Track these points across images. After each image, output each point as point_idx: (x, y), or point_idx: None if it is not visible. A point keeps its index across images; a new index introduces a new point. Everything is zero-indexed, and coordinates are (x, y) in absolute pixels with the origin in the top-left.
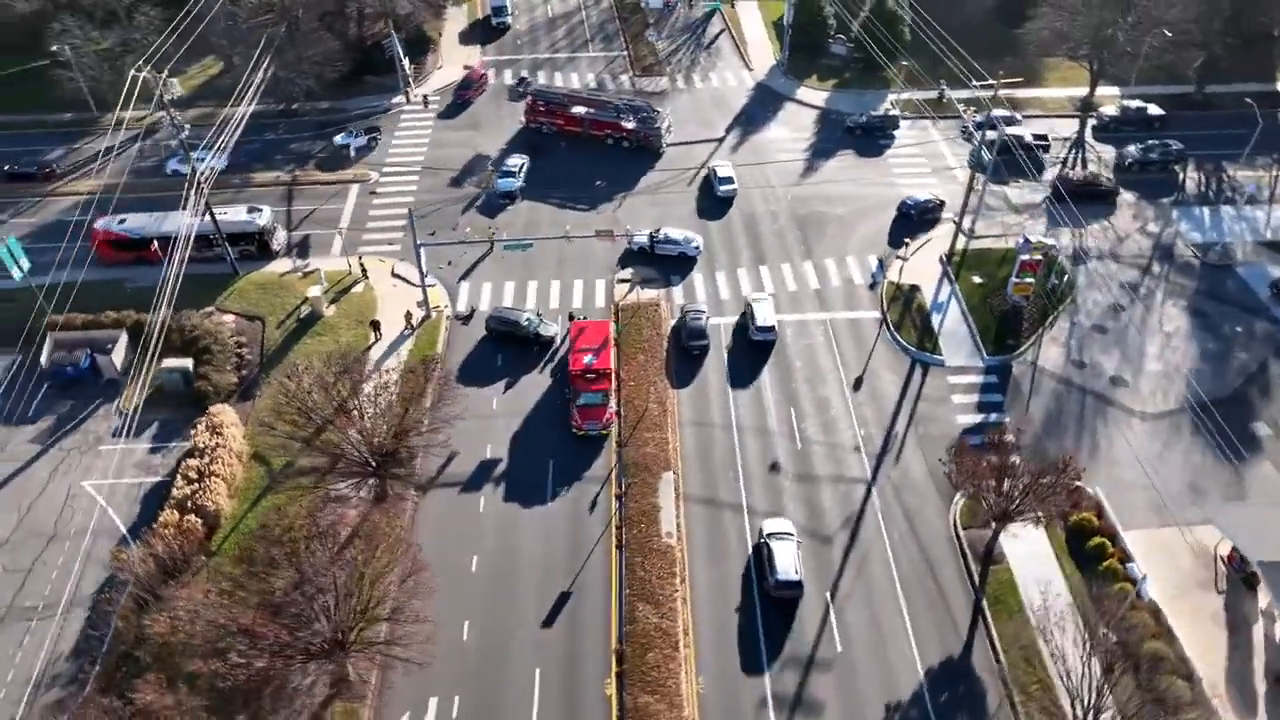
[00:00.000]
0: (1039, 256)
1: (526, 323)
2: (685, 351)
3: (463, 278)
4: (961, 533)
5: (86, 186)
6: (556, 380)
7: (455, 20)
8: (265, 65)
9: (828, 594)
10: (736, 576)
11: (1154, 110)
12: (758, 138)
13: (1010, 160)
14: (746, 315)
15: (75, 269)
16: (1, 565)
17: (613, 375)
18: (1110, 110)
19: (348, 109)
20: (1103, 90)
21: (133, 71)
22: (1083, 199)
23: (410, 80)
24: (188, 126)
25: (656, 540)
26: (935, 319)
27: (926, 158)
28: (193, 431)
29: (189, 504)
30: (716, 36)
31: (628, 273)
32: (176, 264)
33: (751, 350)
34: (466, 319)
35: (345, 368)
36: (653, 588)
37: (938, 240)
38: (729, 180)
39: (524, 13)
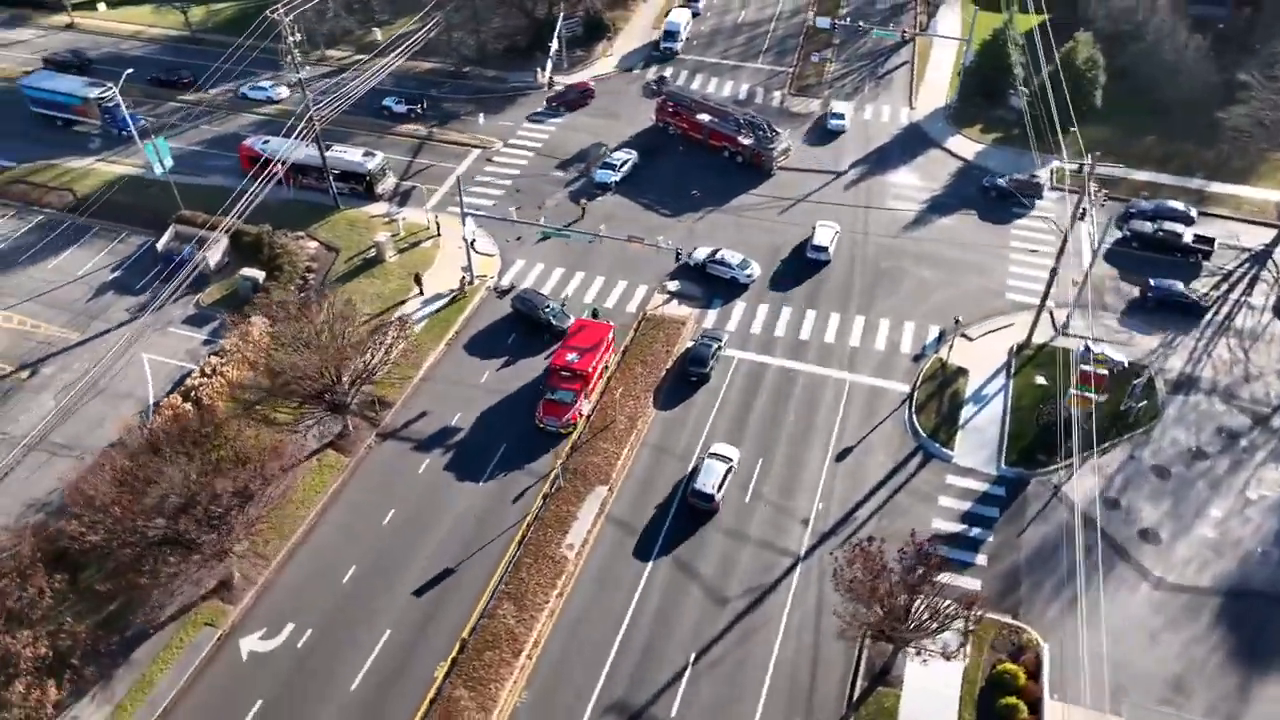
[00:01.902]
0: (1103, 370)
1: (546, 310)
2: (684, 376)
3: (536, 243)
4: (868, 641)
5: (270, 110)
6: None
7: (645, 15)
8: (429, 27)
9: (693, 655)
10: (619, 605)
11: None
12: (880, 179)
13: (1157, 260)
14: (809, 239)
15: (227, 176)
16: (55, 402)
17: (591, 378)
18: None
19: (508, 79)
20: None
21: (267, 11)
22: None
23: (549, 64)
24: (307, 66)
25: (554, 548)
26: (967, 410)
27: (1056, 235)
28: (228, 334)
29: (192, 394)
30: (895, 69)
31: (674, 284)
32: (258, 184)
33: (805, 267)
34: (504, 293)
35: (339, 310)
36: (526, 591)
37: (1019, 327)
38: (840, 116)
39: (715, 14)
